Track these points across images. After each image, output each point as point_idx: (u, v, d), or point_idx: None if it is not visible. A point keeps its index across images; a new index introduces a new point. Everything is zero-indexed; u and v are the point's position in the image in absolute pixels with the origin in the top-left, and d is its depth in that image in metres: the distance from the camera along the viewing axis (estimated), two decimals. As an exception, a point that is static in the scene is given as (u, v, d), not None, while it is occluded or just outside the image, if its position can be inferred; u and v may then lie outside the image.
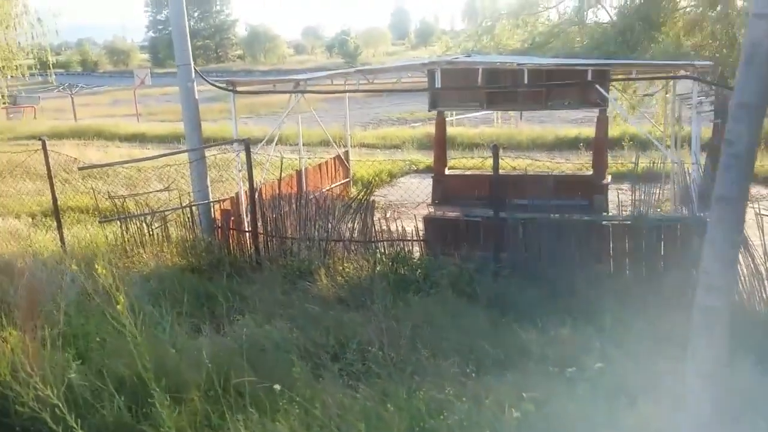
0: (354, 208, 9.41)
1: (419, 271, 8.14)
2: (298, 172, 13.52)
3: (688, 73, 9.13)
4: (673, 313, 6.15)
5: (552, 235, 7.90)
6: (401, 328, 5.92)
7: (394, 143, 23.41)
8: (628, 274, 7.56)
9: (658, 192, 11.40)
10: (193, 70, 10.10)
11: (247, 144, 9.13)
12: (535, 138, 22.61)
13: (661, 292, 6.71)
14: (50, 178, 9.94)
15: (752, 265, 7.10)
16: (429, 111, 11.67)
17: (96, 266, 7.25)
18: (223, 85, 11.33)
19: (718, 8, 12.99)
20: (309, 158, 14.77)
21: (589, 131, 22.04)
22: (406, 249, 8.68)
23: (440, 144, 11.79)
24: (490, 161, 17.64)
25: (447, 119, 12.90)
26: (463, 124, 25.84)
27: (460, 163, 16.76)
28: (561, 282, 7.33)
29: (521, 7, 15.00)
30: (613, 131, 17.11)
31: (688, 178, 9.16)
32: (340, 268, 8.54)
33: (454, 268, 7.82)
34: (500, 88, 10.41)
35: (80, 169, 10.93)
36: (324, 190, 14.13)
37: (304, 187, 13.16)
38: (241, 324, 6.18)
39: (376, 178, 17.14)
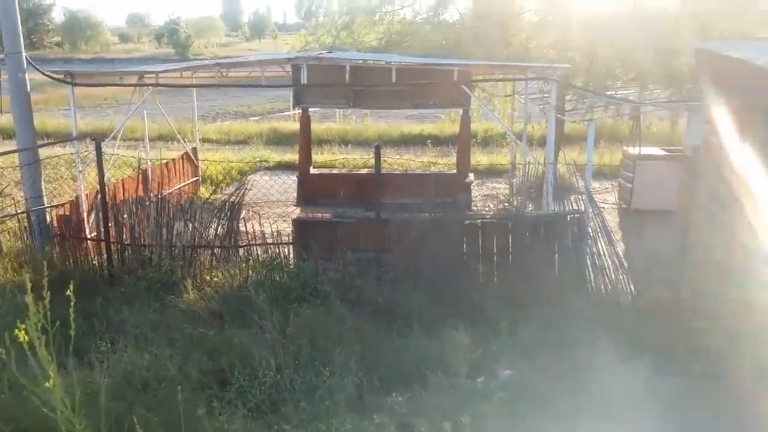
0: (219, 210, 8.72)
1: (297, 278, 7.67)
2: (144, 171, 12.38)
3: (554, 76, 9.47)
4: (556, 309, 6.33)
5: (433, 236, 7.80)
6: (294, 345, 5.47)
7: (239, 139, 22.50)
8: (510, 270, 7.63)
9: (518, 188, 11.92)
10: (24, 59, 8.86)
11: (98, 143, 8.09)
12: (382, 134, 22.77)
13: (542, 290, 6.86)
14: None
15: (617, 261, 7.49)
16: (293, 108, 11.18)
17: None
18: (61, 77, 10.03)
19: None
20: (151, 156, 13.57)
21: (432, 128, 22.70)
22: (281, 255, 8.16)
23: (305, 142, 11.33)
24: (348, 158, 17.66)
25: (282, 114, 12.56)
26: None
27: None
28: (444, 284, 7.25)
29: (380, 3, 14.90)
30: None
31: (549, 174, 9.52)
32: (208, 278, 7.84)
33: (335, 274, 7.46)
34: (369, 85, 10.17)
35: None
36: (172, 190, 13.12)
37: (151, 188, 12.07)
38: (106, 353, 5.35)
39: (227, 177, 16.25)
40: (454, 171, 11.33)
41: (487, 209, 12.19)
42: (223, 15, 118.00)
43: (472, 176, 11.02)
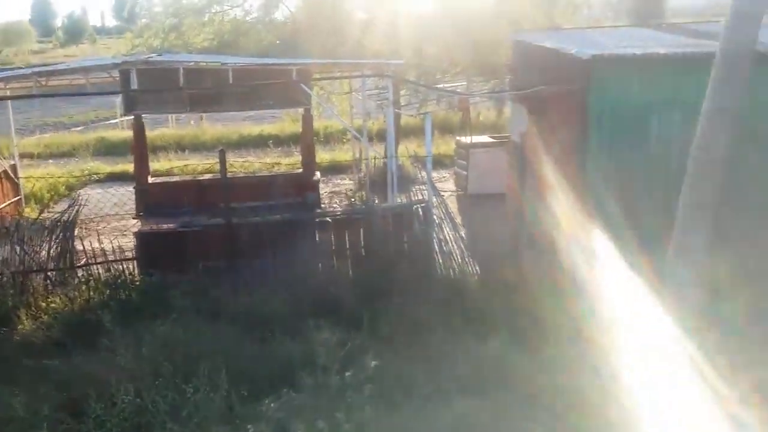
0: (50, 230, 8.07)
1: (145, 294, 7.31)
2: (-45, 194, 11.12)
3: (388, 72, 9.77)
4: (412, 297, 6.59)
5: (285, 237, 7.78)
6: (151, 365, 5.22)
7: (63, 151, 20.86)
8: (365, 264, 7.79)
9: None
10: None
11: None
12: (220, 137, 22.16)
13: (396, 279, 7.10)
14: None
15: (462, 246, 7.95)
16: (124, 115, 10.56)
17: None
18: None
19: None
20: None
21: (271, 128, 22.51)
22: (126, 271, 7.72)
23: (140, 150, 10.74)
24: (188, 165, 16.99)
25: (109, 123, 11.84)
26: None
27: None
28: (302, 284, 7.26)
29: (207, 4, 14.47)
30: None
31: (392, 167, 9.85)
32: (44, 304, 7.24)
33: (187, 286, 7.20)
34: (206, 88, 9.88)
35: None
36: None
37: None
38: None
39: (54, 193, 15.03)
40: (300, 170, 11.35)
41: (335, 206, 12.34)
42: (33, 20, 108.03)
43: (318, 174, 11.10)
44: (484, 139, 13.39)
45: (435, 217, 7.99)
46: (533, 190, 8.21)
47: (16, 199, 13.31)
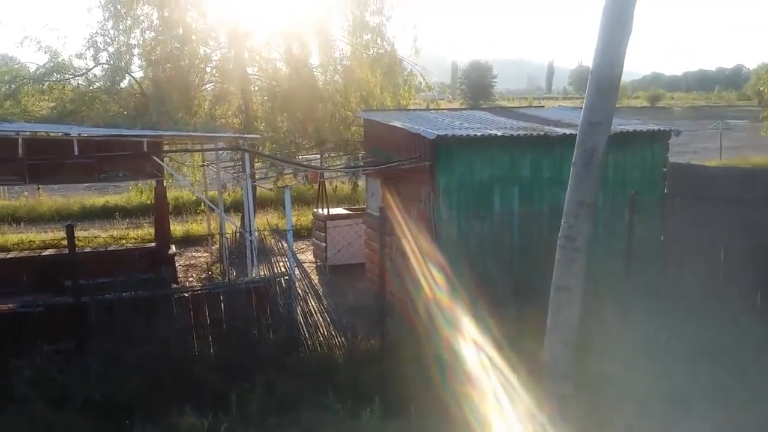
0: None
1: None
2: None
3: (245, 145, 9.90)
4: (279, 373, 6.59)
5: (140, 315, 7.46)
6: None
7: None
8: (227, 340, 7.62)
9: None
10: None
11: None
12: (59, 209, 20.82)
13: (261, 355, 7.05)
14: None
15: (327, 318, 8.06)
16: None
17: None
18: None
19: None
20: None
21: (117, 199, 21.52)
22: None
23: (-30, 225, 9.87)
24: (25, 239, 15.69)
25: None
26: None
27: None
28: (161, 365, 6.97)
29: (47, 72, 13.82)
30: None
31: (250, 239, 9.85)
32: None
33: (30, 372, 6.64)
34: (48, 159, 9.39)
35: None
36: None
37: None
38: None
39: None
40: (153, 244, 10.98)
41: (191, 279, 12.00)
42: None
43: (173, 247, 10.80)
44: (341, 210, 13.80)
45: (298, 289, 8.08)
46: (393, 259, 8.62)
47: None
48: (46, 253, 10.92)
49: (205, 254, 14.26)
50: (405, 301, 8.06)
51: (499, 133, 9.43)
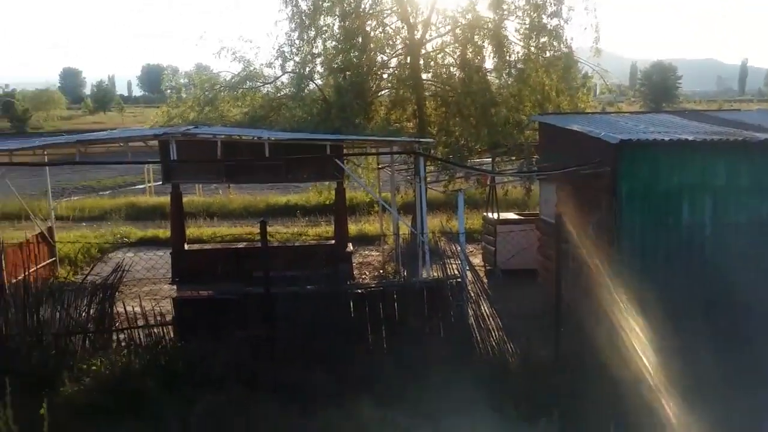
0: (92, 292, 8.25)
1: (184, 361, 7.40)
2: (-6, 255, 11.39)
3: (419, 149, 10.12)
4: (452, 374, 6.63)
5: (322, 308, 7.90)
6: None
7: (94, 215, 21.35)
8: (400, 338, 7.85)
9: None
10: None
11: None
12: (248, 206, 22.67)
13: (433, 355, 7.16)
14: None
15: (499, 323, 7.98)
16: (163, 184, 10.94)
17: None
18: None
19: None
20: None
21: (297, 198, 22.96)
22: (167, 337, 7.85)
23: (177, 218, 11.08)
24: (218, 232, 17.30)
25: (136, 188, 12.12)
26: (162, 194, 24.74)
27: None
28: (339, 357, 7.33)
29: (240, 80, 15.12)
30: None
31: (422, 240, 10.02)
32: (85, 366, 7.34)
33: (226, 355, 7.29)
34: (242, 160, 10.26)
35: None
36: (28, 273, 12.16)
37: (7, 272, 11.13)
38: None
39: (86, 255, 15.34)
40: (333, 241, 11.57)
41: (365, 277, 12.50)
42: (63, 87, 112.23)
43: (351, 246, 11.32)
44: (511, 215, 13.64)
45: (470, 292, 8.10)
46: (567, 267, 8.34)
47: (51, 260, 13.61)
48: (238, 245, 11.94)
49: (377, 253, 14.77)
50: (581, 311, 7.78)
51: (691, 138, 8.79)
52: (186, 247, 11.17)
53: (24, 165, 10.87)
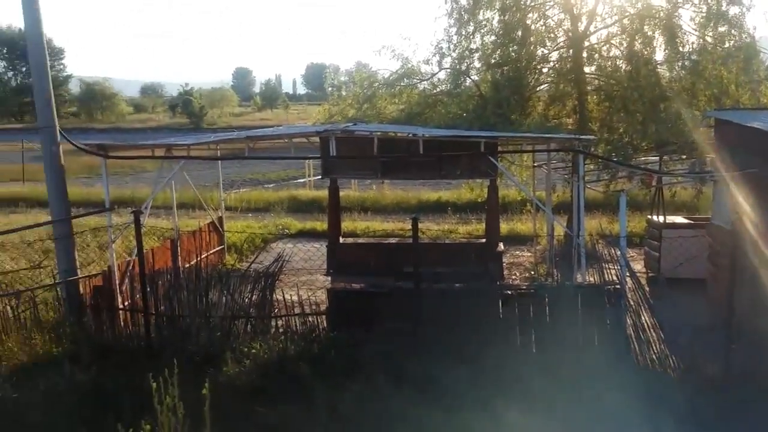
0: (255, 280, 8.78)
1: (335, 350, 7.64)
2: (173, 241, 12.51)
3: (579, 146, 9.66)
4: (606, 386, 6.25)
5: (470, 307, 7.80)
6: (344, 425, 5.40)
7: (259, 206, 22.77)
8: (549, 342, 7.57)
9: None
10: (58, 133, 9.07)
11: (137, 214, 8.23)
12: (400, 201, 23.03)
13: (585, 363, 6.80)
14: None
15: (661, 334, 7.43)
16: (321, 179, 11.39)
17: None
18: (93, 149, 10.26)
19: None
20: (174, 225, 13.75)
21: (449, 195, 22.95)
22: (320, 326, 8.17)
23: (334, 211, 11.49)
24: (371, 226, 17.79)
25: (297, 182, 12.57)
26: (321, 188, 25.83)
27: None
28: (484, 357, 7.19)
29: (398, 77, 15.36)
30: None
31: (578, 243, 9.57)
32: (246, 349, 7.81)
33: (374, 347, 7.43)
34: (397, 157, 10.40)
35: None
36: (200, 258, 13.23)
37: (182, 257, 12.20)
38: None
39: (250, 244, 16.40)
40: (483, 240, 11.41)
41: (514, 278, 12.21)
42: (235, 86, 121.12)
43: (501, 245, 11.09)
44: (679, 219, 12.65)
45: (630, 300, 7.61)
46: (748, 280, 7.55)
47: (219, 248, 14.70)
48: (390, 241, 12.15)
49: (529, 254, 14.37)
50: (757, 327, 7.01)
51: None
52: (341, 240, 11.54)
53: (199, 159, 11.78)
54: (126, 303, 9.33)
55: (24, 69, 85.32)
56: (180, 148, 11.28)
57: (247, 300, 8.71)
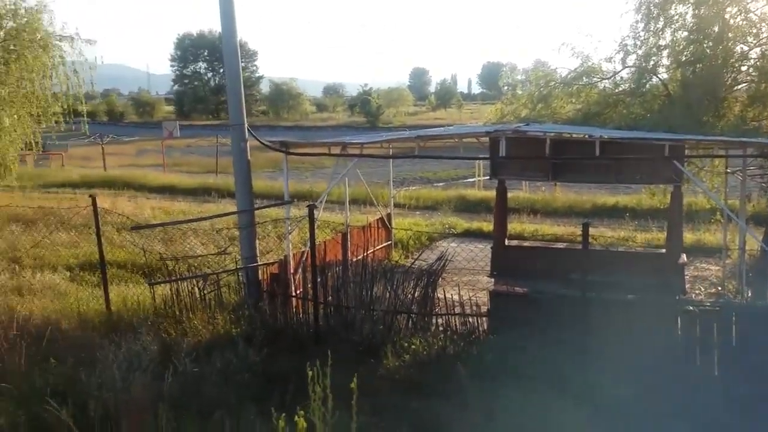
0: (418, 277, 8.87)
1: (494, 353, 7.49)
2: (344, 235, 13.04)
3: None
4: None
5: (644, 320, 7.27)
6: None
7: (427, 204, 23.04)
8: (736, 368, 6.84)
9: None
10: (246, 130, 9.76)
11: (312, 209, 8.66)
12: (572, 204, 22.13)
13: None
14: (99, 236, 9.49)
15: None
16: (490, 179, 11.25)
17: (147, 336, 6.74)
18: (276, 146, 10.98)
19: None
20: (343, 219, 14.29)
21: (627, 199, 21.60)
22: (480, 328, 8.07)
23: (501, 213, 11.29)
24: (539, 229, 17.33)
25: (466, 181, 12.35)
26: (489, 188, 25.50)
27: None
28: (658, 375, 6.67)
29: (576, 76, 14.73)
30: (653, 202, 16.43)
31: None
32: (406, 344, 7.91)
33: (535, 354, 7.18)
34: (570, 158, 9.97)
35: (133, 229, 10.55)
36: (368, 253, 13.65)
37: (351, 251, 12.68)
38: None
39: (416, 242, 16.63)
40: (663, 250, 10.60)
41: (697, 293, 11.20)
42: (411, 86, 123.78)
43: (684, 257, 10.21)
44: None
45: None
46: None
47: (387, 244, 15.09)
48: (558, 245, 11.69)
49: (717, 267, 13.11)
50: None
51: None
52: (506, 242, 11.31)
53: (371, 157, 12.15)
54: (298, 291, 9.88)
55: (221, 70, 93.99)
56: (354, 147, 11.71)
57: (409, 296, 8.84)
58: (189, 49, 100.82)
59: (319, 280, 8.75)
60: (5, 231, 15.22)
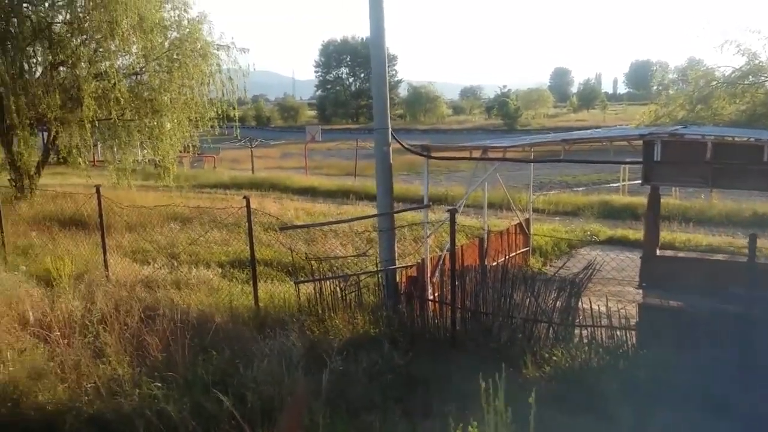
0: (560, 286, 8.57)
1: (643, 370, 7.05)
2: (481, 240, 12.90)
3: None
4: None
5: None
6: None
7: (567, 210, 22.25)
8: None
9: None
10: (390, 135, 9.89)
11: (453, 213, 8.62)
12: (729, 213, 20.40)
13: None
14: (251, 235, 10.03)
15: None
16: (642, 185, 10.64)
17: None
18: (418, 150, 11.05)
19: None
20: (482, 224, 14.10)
21: (801, 209, 19.61)
22: (629, 342, 7.64)
23: (652, 221, 10.61)
24: (699, 239, 16.18)
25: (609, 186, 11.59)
26: (635, 193, 24.13)
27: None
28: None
29: (741, 75, 13.62)
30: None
31: None
32: (546, 354, 7.66)
33: (688, 373, 6.67)
34: (733, 163, 9.19)
35: (281, 230, 11.08)
36: (505, 258, 13.40)
37: (489, 256, 12.50)
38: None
39: (555, 249, 16.10)
40: None
41: None
42: (552, 86, 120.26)
43: None
44: None
45: None
46: None
47: (525, 250, 14.73)
48: (716, 257, 10.83)
49: None
50: None
51: None
52: (658, 252, 10.63)
53: (513, 160, 11.93)
54: (435, 295, 9.88)
55: (362, 75, 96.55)
56: (496, 150, 11.55)
57: (550, 305, 8.55)
58: (332, 55, 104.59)
59: (456, 284, 8.69)
60: (165, 228, 16.54)
